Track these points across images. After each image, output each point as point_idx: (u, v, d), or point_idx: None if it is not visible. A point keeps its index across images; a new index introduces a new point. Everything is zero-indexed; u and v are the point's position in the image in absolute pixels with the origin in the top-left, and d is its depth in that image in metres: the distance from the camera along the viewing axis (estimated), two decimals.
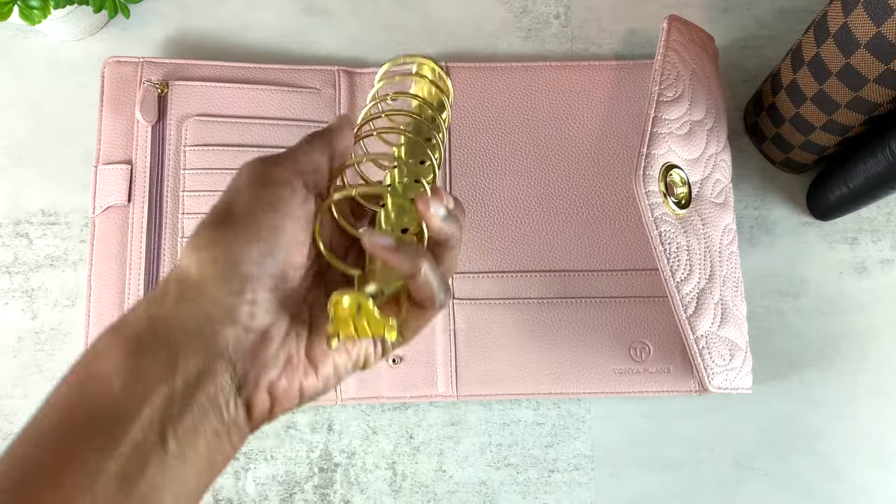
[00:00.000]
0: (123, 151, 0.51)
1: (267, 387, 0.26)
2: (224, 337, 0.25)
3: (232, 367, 0.25)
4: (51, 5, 0.47)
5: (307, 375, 0.27)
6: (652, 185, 0.43)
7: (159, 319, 0.25)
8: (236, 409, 0.25)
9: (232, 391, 0.25)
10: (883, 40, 0.39)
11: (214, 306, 0.25)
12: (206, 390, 0.24)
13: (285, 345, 0.27)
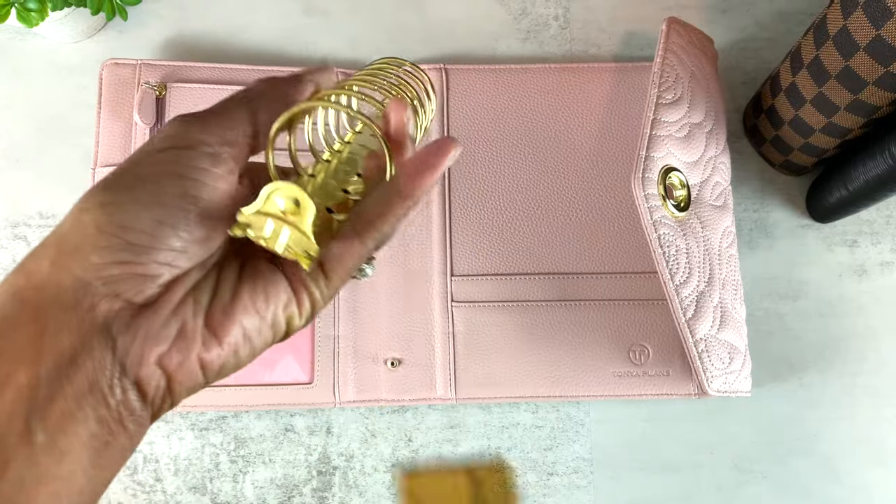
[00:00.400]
0: (121, 153, 0.51)
1: (156, 362, 0.23)
2: (103, 310, 0.22)
3: (112, 342, 0.22)
4: (48, 7, 0.47)
5: (208, 347, 0.24)
6: (651, 188, 0.43)
7: (29, 289, 0.22)
8: (123, 391, 0.22)
9: (115, 370, 0.22)
10: (882, 43, 0.39)
11: (94, 276, 0.22)
12: (82, 371, 0.21)
13: (178, 314, 0.23)
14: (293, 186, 0.24)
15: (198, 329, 0.24)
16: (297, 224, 0.24)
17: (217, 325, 0.24)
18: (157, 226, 0.22)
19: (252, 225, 0.23)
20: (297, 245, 0.24)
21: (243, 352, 0.25)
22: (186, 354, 0.23)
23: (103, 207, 0.22)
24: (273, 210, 0.23)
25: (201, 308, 0.24)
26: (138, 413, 0.23)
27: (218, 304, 0.24)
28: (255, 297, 0.25)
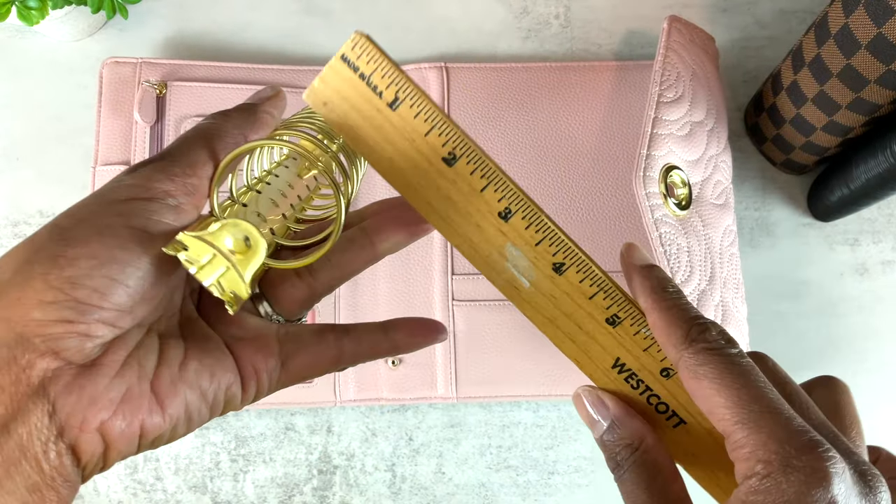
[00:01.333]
0: (122, 152, 0.51)
1: (97, 427, 0.21)
2: (40, 369, 0.20)
3: (50, 406, 0.20)
4: (49, 6, 0.47)
5: (151, 413, 0.22)
6: (652, 187, 0.43)
7: None
8: (59, 456, 0.20)
9: (51, 435, 0.20)
10: (884, 41, 0.38)
11: (35, 332, 0.20)
12: (14, 436, 0.20)
13: (122, 376, 0.22)
14: (252, 228, 0.23)
15: (144, 394, 0.22)
16: (237, 265, 0.22)
17: (163, 392, 0.22)
18: (110, 284, 0.21)
19: (190, 249, 0.22)
20: (227, 285, 0.23)
21: (181, 428, 0.23)
22: (130, 420, 0.22)
23: (54, 260, 0.20)
24: (219, 243, 0.22)
25: (146, 373, 0.22)
26: (72, 478, 0.21)
27: (165, 371, 0.23)
28: (200, 372, 0.23)
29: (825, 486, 0.18)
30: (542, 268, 0.24)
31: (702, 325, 0.22)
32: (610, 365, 0.25)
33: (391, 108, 0.23)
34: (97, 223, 0.21)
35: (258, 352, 0.25)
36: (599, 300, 0.25)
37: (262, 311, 0.26)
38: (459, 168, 0.24)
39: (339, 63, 0.23)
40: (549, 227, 0.24)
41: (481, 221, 0.24)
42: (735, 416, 0.20)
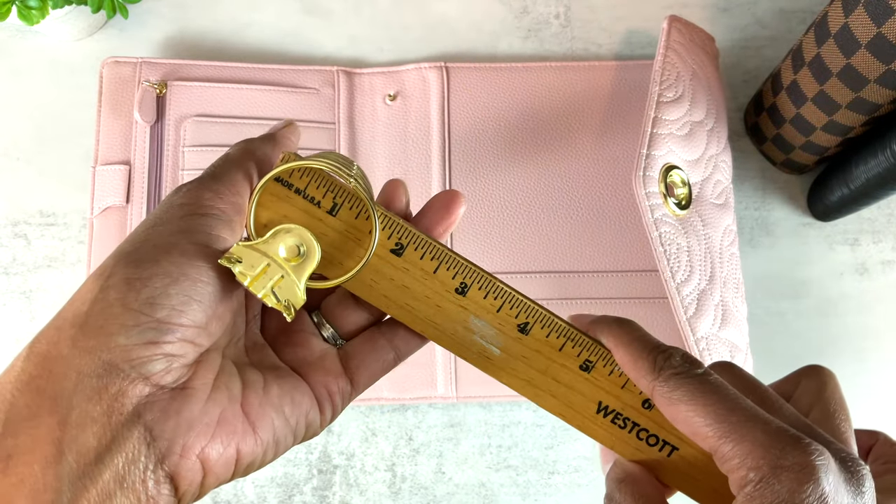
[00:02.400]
0: (122, 152, 0.51)
1: (198, 453, 0.21)
2: (133, 395, 0.20)
3: (147, 434, 0.20)
4: (49, 5, 0.47)
5: (245, 436, 0.22)
6: (652, 186, 0.43)
7: (44, 376, 0.19)
8: (157, 485, 0.20)
9: (150, 463, 0.20)
10: (884, 41, 0.38)
11: (122, 358, 0.20)
12: (110, 467, 0.19)
13: (214, 399, 0.22)
14: (306, 232, 0.23)
15: (237, 416, 0.22)
16: (292, 272, 0.23)
17: (253, 415, 0.22)
18: (186, 301, 0.21)
19: (244, 260, 0.22)
20: (282, 293, 0.23)
21: (269, 454, 0.23)
22: (227, 444, 0.21)
23: (129, 283, 0.20)
24: (272, 252, 0.22)
25: (235, 396, 0.22)
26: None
27: (251, 395, 0.23)
28: (282, 397, 0.23)
29: (815, 480, 0.19)
30: (508, 331, 0.25)
31: (665, 353, 0.23)
32: (594, 411, 0.25)
33: (332, 215, 0.24)
34: (161, 242, 0.21)
35: (327, 374, 0.25)
36: (569, 349, 0.25)
37: (327, 335, 0.26)
38: (408, 255, 0.25)
39: (273, 184, 0.24)
40: (506, 291, 0.25)
41: (440, 302, 0.25)
42: (716, 431, 0.20)
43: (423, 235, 0.25)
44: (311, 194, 0.24)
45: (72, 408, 0.19)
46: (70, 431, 0.19)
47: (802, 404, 0.24)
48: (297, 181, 0.24)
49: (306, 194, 0.24)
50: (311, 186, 0.24)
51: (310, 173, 0.24)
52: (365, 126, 0.53)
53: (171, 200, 0.23)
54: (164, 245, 0.21)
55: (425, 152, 0.53)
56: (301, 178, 0.24)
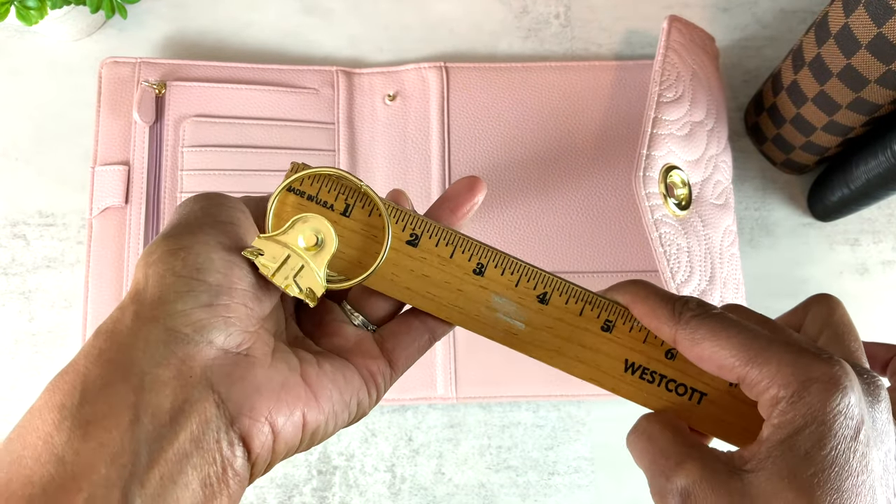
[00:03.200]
0: (121, 152, 0.51)
1: (266, 416, 0.21)
2: (200, 359, 0.20)
3: (217, 395, 0.20)
4: (48, 6, 0.47)
5: (308, 404, 0.23)
6: (652, 187, 0.43)
7: (113, 349, 0.20)
8: (231, 447, 0.20)
9: (222, 424, 0.20)
10: (884, 41, 0.38)
11: (184, 324, 0.20)
12: (185, 429, 0.19)
13: (275, 367, 0.22)
14: (322, 220, 0.24)
15: (300, 385, 0.23)
16: (311, 260, 0.23)
17: (314, 385, 0.23)
18: (229, 265, 0.22)
19: (266, 252, 0.23)
20: (304, 282, 0.23)
21: (329, 426, 0.24)
22: (293, 409, 0.22)
23: (174, 254, 0.21)
24: (291, 241, 0.23)
25: (293, 367, 0.23)
26: (242, 473, 0.21)
27: (309, 368, 0.23)
28: (335, 374, 0.24)
29: (843, 389, 0.20)
30: (529, 304, 0.26)
31: (682, 300, 0.24)
32: (622, 370, 0.26)
33: (346, 216, 0.25)
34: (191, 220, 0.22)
35: (367, 357, 0.26)
36: (588, 312, 0.26)
37: (358, 323, 0.27)
38: (424, 244, 0.25)
39: (286, 195, 0.25)
40: (521, 265, 0.26)
41: (461, 285, 0.25)
42: (742, 359, 0.21)
43: (434, 223, 0.26)
44: (324, 198, 0.25)
45: (143, 374, 0.19)
46: (144, 396, 0.19)
47: (812, 331, 0.25)
48: (308, 188, 0.25)
49: (319, 199, 0.25)
50: (323, 191, 0.25)
51: (319, 179, 0.25)
52: (364, 126, 0.53)
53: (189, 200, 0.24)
54: (198, 222, 0.22)
55: (425, 152, 0.53)
56: (312, 185, 0.25)
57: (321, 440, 0.24)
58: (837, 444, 0.20)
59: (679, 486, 0.21)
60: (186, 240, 0.22)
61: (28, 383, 0.49)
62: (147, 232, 0.49)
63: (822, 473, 0.19)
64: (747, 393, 0.22)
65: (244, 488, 0.21)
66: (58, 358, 0.50)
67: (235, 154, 0.51)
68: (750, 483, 0.20)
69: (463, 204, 0.27)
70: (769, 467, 0.20)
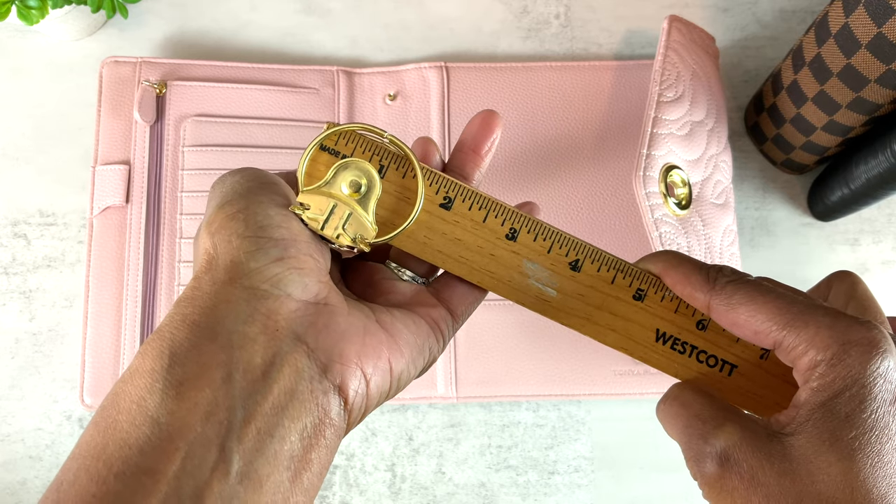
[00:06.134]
0: (121, 152, 0.51)
1: (356, 361, 0.21)
2: (283, 312, 0.20)
3: (305, 346, 0.20)
4: (49, 5, 0.47)
5: (391, 347, 0.22)
6: (652, 186, 0.43)
7: (197, 313, 0.20)
8: (325, 394, 0.20)
9: (314, 373, 0.20)
10: (884, 41, 0.38)
11: (260, 281, 0.20)
12: (279, 382, 0.19)
13: (353, 315, 0.22)
14: (363, 163, 0.23)
15: (379, 330, 0.23)
16: (359, 206, 0.23)
17: (391, 328, 0.23)
18: (288, 219, 0.22)
19: (312, 206, 0.23)
20: (352, 228, 0.23)
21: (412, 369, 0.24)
22: (379, 354, 0.22)
23: (233, 218, 0.21)
24: (336, 191, 0.23)
25: (369, 314, 0.23)
26: (337, 423, 0.21)
27: (382, 314, 0.23)
28: (405, 321, 0.24)
29: (883, 353, 0.20)
30: (561, 271, 0.25)
31: (716, 267, 0.24)
32: (653, 339, 0.25)
33: (380, 177, 0.25)
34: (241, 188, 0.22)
35: (427, 307, 0.25)
36: (620, 280, 0.25)
37: (407, 278, 0.26)
38: (457, 208, 0.25)
39: (319, 152, 0.25)
40: (554, 231, 0.25)
41: (493, 250, 0.25)
42: (779, 324, 0.21)
43: (467, 186, 0.25)
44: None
45: (230, 332, 0.19)
46: (234, 353, 0.19)
47: (838, 305, 0.25)
48: (343, 148, 0.25)
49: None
50: (357, 152, 0.25)
51: (354, 138, 0.25)
52: None
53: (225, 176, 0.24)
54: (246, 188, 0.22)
55: None
56: (347, 145, 0.25)
57: (405, 386, 0.24)
58: (878, 408, 0.19)
59: (718, 448, 0.21)
60: (241, 203, 0.22)
61: (28, 383, 0.49)
62: (147, 231, 0.49)
63: (864, 436, 0.19)
64: (783, 358, 0.22)
65: (341, 438, 0.21)
66: (58, 357, 0.50)
67: (236, 153, 0.51)
68: (791, 445, 0.20)
69: (482, 141, 0.26)
70: (809, 430, 0.20)
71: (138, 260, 0.49)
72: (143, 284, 0.49)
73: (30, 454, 0.48)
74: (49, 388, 0.49)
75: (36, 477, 0.48)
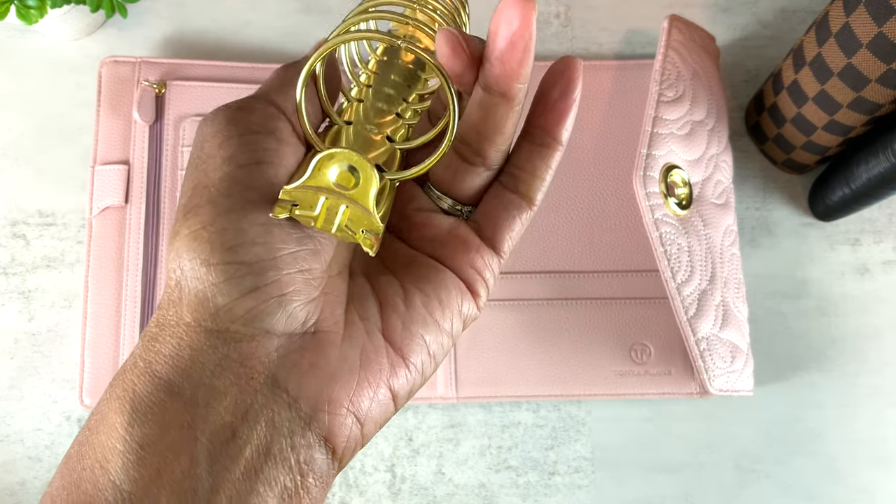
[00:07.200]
0: (121, 151, 0.51)
1: (347, 406, 0.18)
2: (260, 355, 0.17)
3: (285, 395, 0.17)
4: (48, 5, 0.47)
5: (395, 370, 0.19)
6: (652, 186, 0.43)
7: (160, 362, 0.17)
8: (309, 449, 0.17)
9: (296, 427, 0.17)
10: (885, 40, 0.38)
11: (228, 320, 0.17)
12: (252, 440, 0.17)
13: (351, 337, 0.19)
14: (349, 153, 0.19)
15: (381, 350, 0.19)
16: (355, 198, 0.19)
17: (399, 341, 0.20)
18: (266, 230, 0.18)
19: (300, 203, 0.19)
20: (356, 224, 0.19)
21: (427, 370, 0.20)
22: (376, 387, 0.19)
23: (196, 238, 0.18)
24: (324, 182, 0.19)
25: (373, 325, 0.20)
26: (324, 473, 0.18)
27: (392, 316, 0.20)
28: (429, 305, 0.20)
29: None
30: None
31: None
32: None
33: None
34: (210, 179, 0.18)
35: (468, 249, 0.22)
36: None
37: (447, 207, 0.23)
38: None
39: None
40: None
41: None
42: None
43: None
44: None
45: (196, 386, 0.17)
46: (199, 412, 0.17)
47: None
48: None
49: None
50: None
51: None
52: None
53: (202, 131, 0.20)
54: (218, 179, 0.18)
55: None
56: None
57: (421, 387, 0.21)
58: None
59: None
60: (207, 213, 0.18)
61: (27, 383, 0.49)
62: (147, 231, 0.49)
63: None
64: None
65: (329, 487, 0.19)
66: (57, 357, 0.50)
67: None
68: None
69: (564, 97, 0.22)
70: None
71: (138, 260, 0.49)
72: (143, 284, 0.49)
73: (29, 455, 0.48)
74: (48, 388, 0.49)
75: (35, 478, 0.48)
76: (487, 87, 0.21)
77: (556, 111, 0.22)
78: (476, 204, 0.23)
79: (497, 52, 0.20)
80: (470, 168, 0.22)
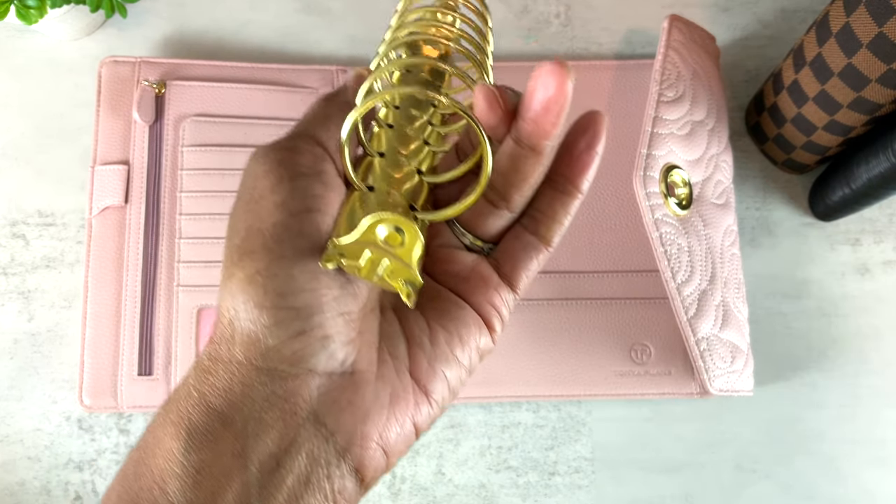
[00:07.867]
0: (121, 152, 0.51)
1: (377, 440, 0.20)
2: (304, 393, 0.19)
3: (324, 429, 0.19)
4: (48, 5, 0.47)
5: (419, 407, 0.21)
6: (653, 186, 0.43)
7: (214, 395, 0.19)
8: (342, 478, 0.20)
9: (332, 459, 0.19)
10: (885, 40, 0.38)
11: (278, 361, 0.19)
12: (294, 470, 0.19)
13: (383, 377, 0.21)
14: (398, 217, 0.20)
15: (408, 388, 0.21)
16: (400, 256, 0.21)
17: (424, 379, 0.22)
18: (314, 277, 0.20)
19: (346, 253, 0.20)
20: (396, 274, 0.21)
21: (447, 403, 0.23)
22: (403, 422, 0.21)
23: (251, 282, 0.19)
24: (374, 240, 0.20)
25: (402, 364, 0.22)
26: (352, 499, 0.20)
27: (419, 354, 0.22)
28: (450, 341, 0.22)
29: None
30: None
31: None
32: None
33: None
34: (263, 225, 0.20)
35: (487, 287, 0.24)
36: None
37: (468, 243, 0.24)
38: None
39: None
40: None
41: None
42: None
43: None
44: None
45: (246, 420, 0.19)
46: (248, 442, 0.19)
47: None
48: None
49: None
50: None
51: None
52: None
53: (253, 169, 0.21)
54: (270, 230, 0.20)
55: None
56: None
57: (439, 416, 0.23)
58: None
59: None
60: (262, 259, 0.20)
61: (27, 383, 0.49)
62: (147, 231, 0.49)
63: None
64: None
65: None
66: (57, 358, 0.50)
67: (236, 153, 0.51)
68: None
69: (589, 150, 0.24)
70: None
71: (137, 260, 0.49)
72: (143, 284, 0.49)
73: (28, 455, 0.48)
74: (48, 388, 0.49)
75: (35, 478, 0.48)
76: (518, 141, 0.22)
77: (580, 162, 0.23)
78: (496, 242, 0.25)
79: (532, 112, 0.22)
80: (494, 210, 0.24)
